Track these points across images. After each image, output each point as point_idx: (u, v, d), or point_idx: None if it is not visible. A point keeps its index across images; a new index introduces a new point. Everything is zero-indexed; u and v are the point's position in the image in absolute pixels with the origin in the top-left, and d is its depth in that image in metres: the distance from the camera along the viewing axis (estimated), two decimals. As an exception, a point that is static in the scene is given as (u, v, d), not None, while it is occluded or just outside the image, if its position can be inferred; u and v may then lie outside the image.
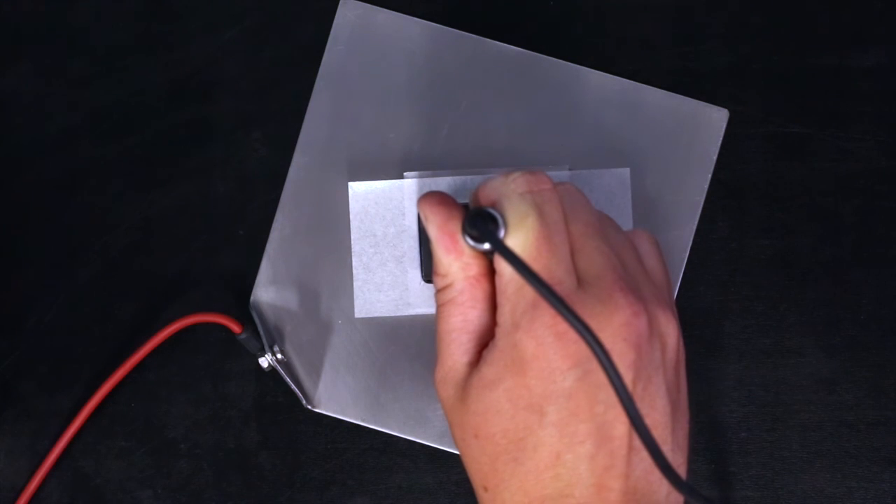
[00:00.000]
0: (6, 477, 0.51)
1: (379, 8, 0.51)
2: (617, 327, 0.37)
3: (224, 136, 0.52)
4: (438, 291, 0.41)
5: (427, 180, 0.49)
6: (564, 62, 0.51)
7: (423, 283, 0.49)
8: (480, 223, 0.38)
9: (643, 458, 0.37)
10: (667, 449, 0.38)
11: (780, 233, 0.51)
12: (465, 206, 0.42)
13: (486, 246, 0.39)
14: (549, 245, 0.38)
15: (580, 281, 0.38)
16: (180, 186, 0.51)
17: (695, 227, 0.50)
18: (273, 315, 0.50)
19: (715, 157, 0.50)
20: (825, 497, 0.50)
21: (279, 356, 0.49)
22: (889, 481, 0.50)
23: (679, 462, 0.39)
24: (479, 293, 0.40)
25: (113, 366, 0.50)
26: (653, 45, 0.51)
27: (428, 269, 0.47)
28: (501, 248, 0.37)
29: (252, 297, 0.50)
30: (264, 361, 0.49)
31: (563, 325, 0.36)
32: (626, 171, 0.49)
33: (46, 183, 0.51)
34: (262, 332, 0.49)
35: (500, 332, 0.38)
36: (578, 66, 0.51)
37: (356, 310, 0.50)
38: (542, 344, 0.37)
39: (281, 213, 0.50)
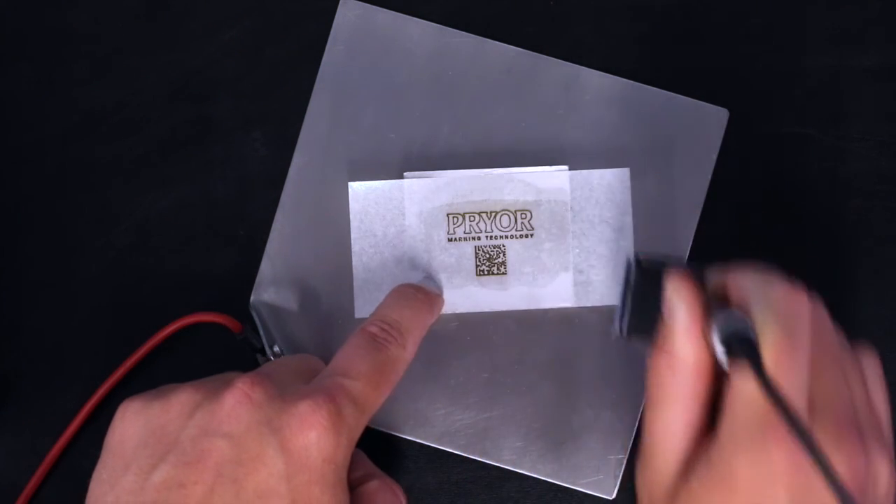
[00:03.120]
0: (6, 477, 0.51)
1: (379, 8, 0.51)
2: (838, 465, 0.36)
3: (224, 136, 0.52)
4: (658, 358, 0.40)
5: (427, 180, 0.49)
6: (564, 62, 0.51)
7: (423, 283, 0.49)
8: (736, 344, 0.38)
9: None
10: None
11: (780, 232, 0.51)
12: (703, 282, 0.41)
13: (723, 349, 0.38)
14: (793, 367, 0.37)
15: (809, 408, 0.38)
16: (180, 186, 0.51)
17: (695, 227, 0.50)
18: (273, 315, 0.50)
19: (715, 157, 0.50)
20: (825, 497, 0.50)
21: (279, 356, 0.49)
22: (889, 481, 0.50)
23: None
24: (701, 387, 0.39)
25: (113, 365, 0.50)
26: (653, 45, 0.51)
27: (636, 327, 0.42)
28: (760, 375, 0.36)
29: (252, 297, 0.50)
30: (264, 361, 0.49)
31: (798, 456, 0.35)
32: (626, 171, 0.49)
33: (46, 183, 0.51)
34: (261, 332, 0.49)
35: (718, 447, 0.38)
36: (578, 66, 0.51)
37: (356, 310, 0.50)
38: (760, 471, 0.36)
39: (281, 213, 0.50)
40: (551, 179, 0.50)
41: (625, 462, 0.50)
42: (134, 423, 0.39)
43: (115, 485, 0.37)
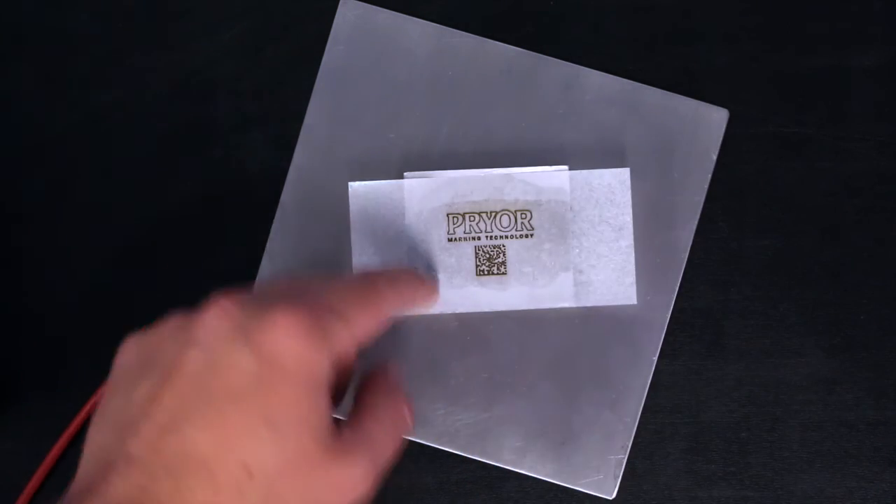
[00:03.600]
0: (6, 477, 0.51)
1: (379, 8, 0.51)
2: None
3: (224, 136, 0.52)
4: None
5: (427, 180, 0.49)
6: (564, 62, 0.51)
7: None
8: None
9: None
10: None
11: (780, 233, 0.51)
12: None
13: None
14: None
15: None
16: (180, 186, 0.51)
17: (695, 227, 0.50)
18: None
19: (715, 157, 0.50)
20: (825, 497, 0.50)
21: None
22: (889, 481, 0.50)
23: None
24: None
25: (113, 366, 0.50)
26: (653, 45, 0.51)
27: None
28: None
29: (252, 297, 0.50)
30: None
31: None
32: (626, 171, 0.49)
33: (46, 183, 0.51)
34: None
35: None
36: (578, 66, 0.51)
37: (356, 310, 0.50)
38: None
39: (281, 213, 0.50)
40: (551, 179, 0.50)
41: (625, 462, 0.50)
42: (129, 353, 0.40)
43: (106, 408, 0.38)
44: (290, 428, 0.36)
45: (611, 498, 0.50)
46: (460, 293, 0.50)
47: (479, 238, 0.50)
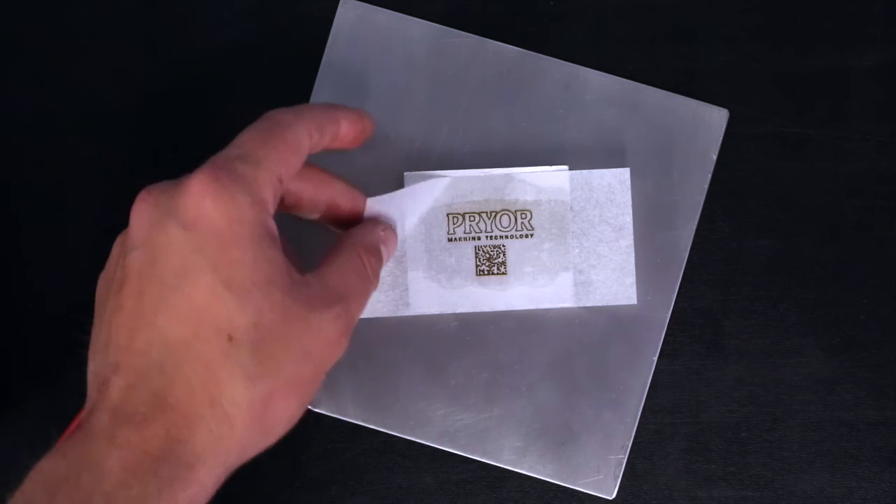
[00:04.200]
0: (6, 477, 0.50)
1: (379, 8, 0.51)
2: None
3: (224, 136, 0.51)
4: None
5: (427, 180, 0.49)
6: (564, 62, 0.51)
7: (423, 283, 0.49)
8: None
9: None
10: None
11: (780, 233, 0.51)
12: None
13: None
14: None
15: None
16: (180, 186, 0.51)
17: (695, 227, 0.50)
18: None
19: (715, 157, 0.50)
20: (825, 497, 0.50)
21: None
22: (889, 481, 0.50)
23: None
24: None
25: (113, 366, 0.49)
26: (653, 45, 0.51)
27: None
28: None
29: (252, 297, 0.50)
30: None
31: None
32: (627, 171, 0.49)
33: (46, 183, 0.51)
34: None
35: None
36: (578, 66, 0.51)
37: (356, 310, 0.50)
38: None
39: (281, 213, 0.50)
40: (551, 179, 0.50)
41: (625, 462, 0.50)
42: (98, 287, 0.42)
43: (91, 340, 0.40)
44: (248, 283, 0.37)
45: (611, 498, 0.50)
46: (460, 293, 0.49)
47: (479, 238, 0.50)
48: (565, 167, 0.50)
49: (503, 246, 0.50)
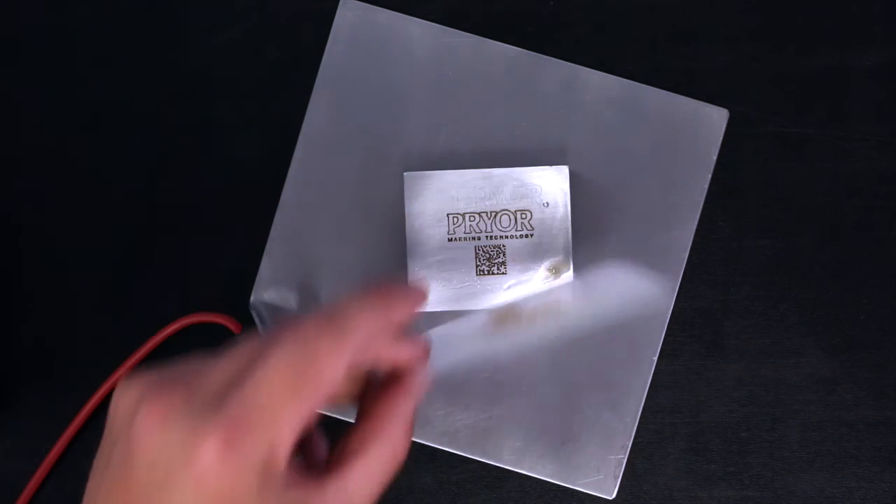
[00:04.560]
0: (6, 477, 0.51)
1: (379, 8, 0.51)
2: None
3: (224, 136, 0.52)
4: None
5: (427, 180, 0.49)
6: (564, 62, 0.51)
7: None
8: None
9: None
10: None
11: (780, 233, 0.51)
12: None
13: None
14: None
15: None
16: (180, 186, 0.51)
17: (695, 227, 0.50)
18: (273, 315, 0.50)
19: (715, 157, 0.50)
20: (825, 497, 0.50)
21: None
22: (889, 481, 0.50)
23: None
24: None
25: (113, 366, 0.50)
26: (653, 45, 0.51)
27: None
28: None
29: (252, 297, 0.50)
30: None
31: None
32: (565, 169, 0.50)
33: (46, 183, 0.51)
34: (261, 332, 0.49)
35: None
36: (578, 66, 0.51)
37: (356, 310, 0.50)
38: None
39: (281, 213, 0.50)
40: (551, 179, 0.50)
41: (625, 462, 0.50)
42: (116, 403, 0.37)
43: (93, 473, 0.36)
44: None
45: (611, 498, 0.50)
46: (460, 293, 0.50)
47: (479, 238, 0.50)
48: (565, 167, 0.50)
49: (503, 246, 0.50)
